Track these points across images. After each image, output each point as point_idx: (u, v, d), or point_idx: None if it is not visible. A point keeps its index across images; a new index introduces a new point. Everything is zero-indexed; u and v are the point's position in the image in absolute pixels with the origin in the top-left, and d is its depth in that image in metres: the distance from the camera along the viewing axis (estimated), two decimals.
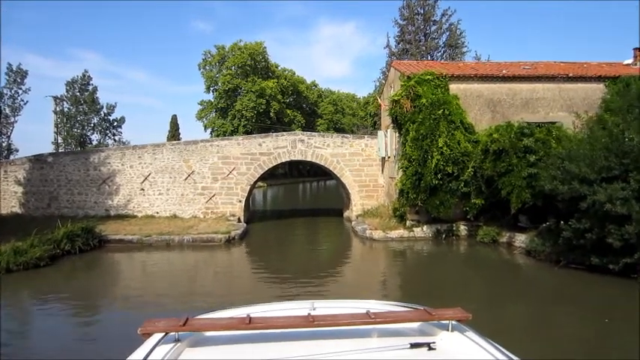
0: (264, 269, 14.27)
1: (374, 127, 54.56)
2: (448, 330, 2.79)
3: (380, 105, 23.38)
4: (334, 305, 3.41)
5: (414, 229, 17.30)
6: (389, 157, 20.84)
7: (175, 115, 68.57)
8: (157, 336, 2.62)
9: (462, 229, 17.27)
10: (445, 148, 15.53)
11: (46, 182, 21.59)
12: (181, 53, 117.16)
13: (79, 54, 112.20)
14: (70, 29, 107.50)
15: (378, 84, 31.81)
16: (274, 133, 22.53)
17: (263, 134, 22.67)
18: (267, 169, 22.13)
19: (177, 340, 2.59)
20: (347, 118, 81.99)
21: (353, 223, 20.08)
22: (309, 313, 2.89)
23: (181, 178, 21.69)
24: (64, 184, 21.60)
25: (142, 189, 21.70)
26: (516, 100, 17.84)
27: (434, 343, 2.60)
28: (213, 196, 21.72)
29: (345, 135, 23.00)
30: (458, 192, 16.03)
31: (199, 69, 60.99)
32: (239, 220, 21.13)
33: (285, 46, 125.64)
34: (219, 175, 21.76)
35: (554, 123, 16.55)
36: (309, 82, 77.93)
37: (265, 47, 59.72)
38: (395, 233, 17.20)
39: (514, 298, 10.19)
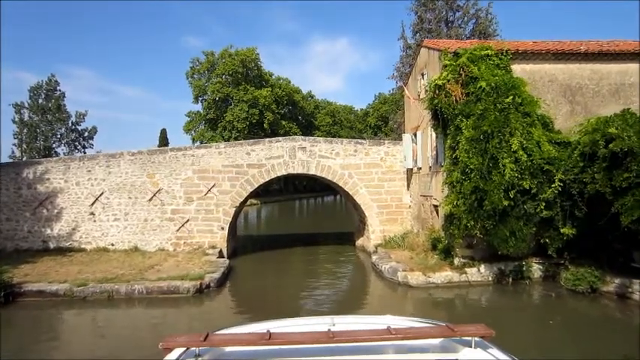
0: None
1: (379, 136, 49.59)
2: (471, 347, 2.85)
3: (406, 99, 18.27)
4: (354, 321, 3.49)
5: (467, 269, 12.10)
6: (419, 169, 15.73)
7: (165, 129, 63.84)
8: (178, 351, 2.80)
9: (535, 269, 12.12)
10: (521, 153, 10.45)
11: None
12: (173, 68, 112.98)
13: (69, 71, 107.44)
14: (61, 46, 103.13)
15: (394, 76, 26.79)
16: (267, 139, 17.42)
17: (252, 140, 17.55)
18: (257, 185, 16.92)
19: (197, 356, 2.77)
20: (345, 130, 77.16)
21: (374, 258, 14.80)
22: (328, 329, 2.96)
23: (144, 198, 16.42)
24: None
25: (92, 213, 16.38)
26: (602, 86, 12.89)
27: None
28: (187, 221, 16.44)
29: (359, 140, 17.86)
30: (536, 217, 10.91)
31: (187, 78, 56.00)
32: (220, 254, 15.84)
33: (277, 61, 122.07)
34: (195, 194, 16.52)
35: None
36: (304, 92, 73.26)
37: (258, 54, 54.94)
38: (440, 276, 11.96)
39: None
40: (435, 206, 13.98)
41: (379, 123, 66.60)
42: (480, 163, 10.60)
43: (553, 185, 10.57)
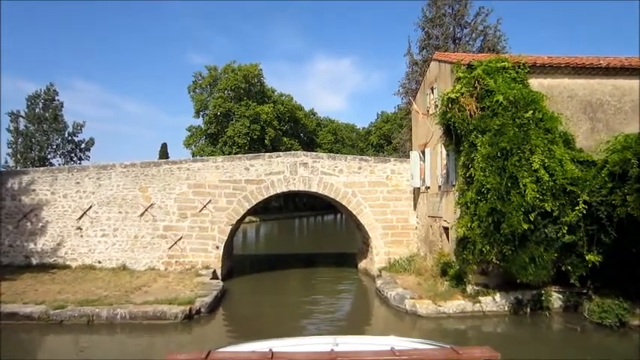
0: None
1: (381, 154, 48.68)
2: None
3: (414, 115, 17.47)
4: (357, 341, 3.56)
5: (481, 298, 11.09)
6: (428, 188, 14.85)
7: (165, 144, 63.27)
8: None
9: (555, 298, 11.12)
10: (542, 172, 9.60)
11: None
12: (176, 84, 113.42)
13: (72, 83, 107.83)
14: (65, 58, 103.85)
15: (399, 93, 26.19)
16: (267, 154, 16.60)
17: (251, 155, 16.74)
18: (256, 202, 16.02)
19: None
20: (346, 149, 76.63)
21: (379, 283, 13.79)
22: (332, 349, 3.06)
23: (135, 213, 15.51)
24: None
25: (79, 228, 15.46)
26: (624, 103, 12.13)
27: None
28: (180, 239, 15.49)
29: (364, 157, 17.04)
30: (557, 242, 9.99)
31: (189, 92, 55.66)
32: (214, 275, 14.82)
33: (280, 79, 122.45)
34: (189, 211, 15.61)
35: None
36: (307, 109, 72.92)
37: (261, 69, 54.70)
38: (451, 305, 10.95)
39: None
40: (445, 228, 13.06)
41: (381, 142, 66.02)
42: (498, 183, 9.73)
43: (577, 208, 9.68)
